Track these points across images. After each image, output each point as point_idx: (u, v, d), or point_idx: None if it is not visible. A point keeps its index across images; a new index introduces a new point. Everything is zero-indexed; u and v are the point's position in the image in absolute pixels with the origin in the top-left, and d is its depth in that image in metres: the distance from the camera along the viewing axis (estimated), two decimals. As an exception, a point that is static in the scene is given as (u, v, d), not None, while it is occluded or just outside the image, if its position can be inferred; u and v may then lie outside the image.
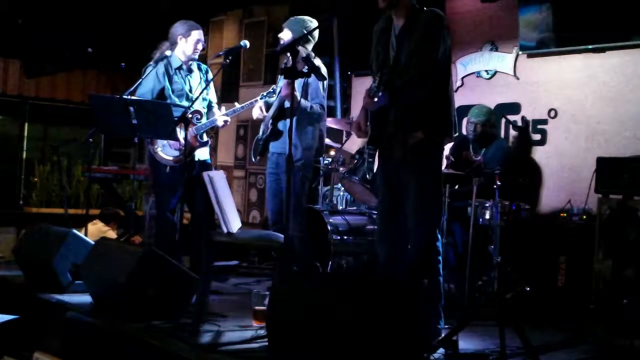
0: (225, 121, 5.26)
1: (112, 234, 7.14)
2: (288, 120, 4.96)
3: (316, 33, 5.05)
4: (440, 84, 3.81)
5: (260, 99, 5.18)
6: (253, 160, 5.31)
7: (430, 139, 3.79)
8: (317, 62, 4.98)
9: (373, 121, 3.89)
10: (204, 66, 5.42)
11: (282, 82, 5.04)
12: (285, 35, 5.07)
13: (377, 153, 3.97)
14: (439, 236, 3.93)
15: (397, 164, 3.87)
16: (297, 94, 4.84)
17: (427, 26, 3.77)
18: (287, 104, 5.01)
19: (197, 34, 5.23)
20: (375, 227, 5.66)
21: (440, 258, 3.89)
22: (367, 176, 4.81)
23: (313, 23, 5.08)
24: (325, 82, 5.06)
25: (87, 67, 9.59)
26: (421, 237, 3.84)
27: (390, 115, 3.80)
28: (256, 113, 5.20)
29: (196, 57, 5.30)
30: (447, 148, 5.55)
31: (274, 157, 5.15)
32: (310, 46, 5.06)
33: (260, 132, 5.22)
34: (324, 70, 4.94)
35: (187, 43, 5.21)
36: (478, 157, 5.43)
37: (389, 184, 3.95)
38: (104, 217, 7.33)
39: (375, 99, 3.71)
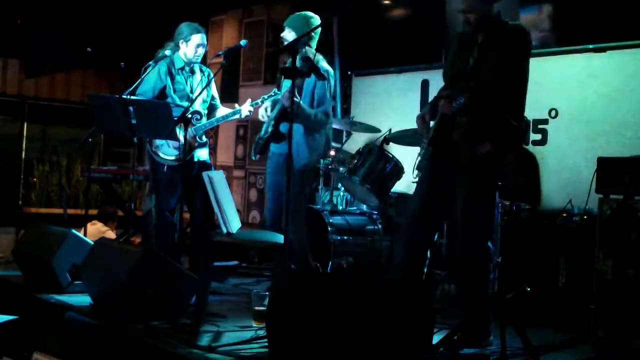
0: (250, 111, 5.24)
1: (111, 234, 7.13)
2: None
3: (319, 29, 4.97)
4: (517, 99, 3.81)
5: (267, 98, 5.15)
6: (253, 158, 5.30)
7: (496, 151, 3.76)
8: (324, 64, 4.96)
9: (440, 123, 3.84)
10: (205, 68, 5.42)
11: (284, 85, 5.02)
12: (288, 35, 5.02)
13: (431, 155, 3.92)
14: (490, 245, 3.92)
15: (455, 171, 3.83)
16: (297, 99, 4.81)
17: (511, 39, 3.78)
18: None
19: (198, 38, 5.21)
20: (376, 227, 5.69)
21: (490, 265, 3.88)
22: (414, 175, 4.78)
23: (315, 19, 5.02)
24: (330, 83, 5.01)
25: (86, 66, 9.59)
26: (470, 248, 3.82)
27: (461, 122, 3.77)
28: (261, 115, 5.16)
29: (197, 60, 5.30)
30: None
31: (274, 157, 5.12)
32: (313, 43, 5.01)
33: (262, 131, 5.19)
34: (329, 69, 4.93)
35: (187, 47, 5.21)
36: None
37: (434, 188, 3.91)
38: (101, 217, 7.33)
39: (454, 104, 3.68)
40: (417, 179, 4.05)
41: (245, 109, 5.23)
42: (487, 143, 3.72)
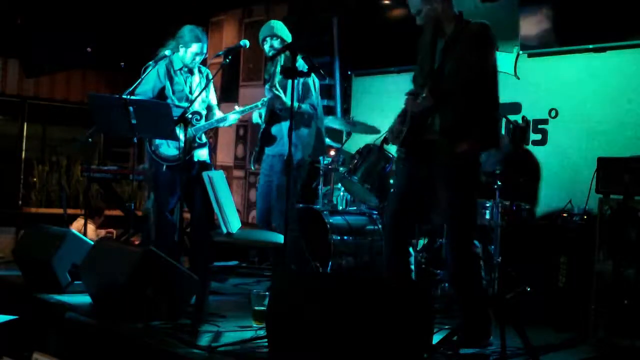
0: (236, 119, 5.25)
1: (91, 228, 7.10)
2: (282, 124, 5.10)
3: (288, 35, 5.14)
4: (488, 96, 3.81)
5: (261, 104, 5.17)
6: (252, 168, 5.38)
7: (474, 150, 3.78)
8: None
9: (412, 124, 3.86)
10: (204, 69, 5.42)
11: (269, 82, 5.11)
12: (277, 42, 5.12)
13: (404, 156, 3.95)
14: (477, 243, 3.93)
15: (433, 170, 3.84)
16: (281, 94, 4.96)
17: (475, 36, 3.78)
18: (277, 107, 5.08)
19: (197, 47, 5.20)
20: (376, 227, 5.69)
21: (481, 263, 3.89)
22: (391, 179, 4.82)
23: (278, 22, 5.18)
24: (315, 80, 5.11)
25: (86, 66, 9.59)
26: (456, 245, 3.84)
27: (435, 122, 3.79)
28: (256, 118, 5.26)
29: (194, 65, 5.29)
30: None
31: (268, 159, 5.22)
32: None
33: (259, 139, 5.28)
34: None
35: (185, 53, 5.21)
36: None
37: (410, 188, 3.93)
38: (88, 212, 7.31)
39: (419, 101, 3.68)
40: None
41: (232, 116, 5.24)
42: (464, 142, 3.72)
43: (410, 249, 4.01)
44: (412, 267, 4.03)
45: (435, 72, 3.81)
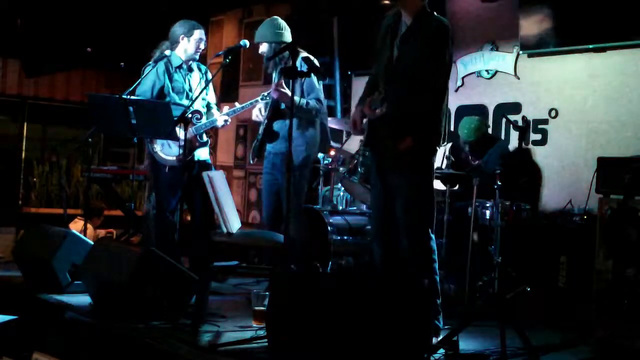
0: (225, 121, 5.25)
1: (90, 228, 7.08)
2: (286, 121, 5.03)
3: (288, 32, 5.07)
4: (438, 94, 3.84)
5: (261, 99, 5.16)
6: (251, 161, 5.35)
7: (419, 145, 3.81)
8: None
9: (369, 122, 3.95)
10: (203, 66, 5.42)
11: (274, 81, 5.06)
12: (263, 47, 5.07)
13: (371, 153, 4.00)
14: (432, 235, 3.94)
15: (388, 165, 3.91)
16: (288, 92, 4.83)
17: (434, 37, 3.79)
18: (282, 105, 5.02)
19: (199, 33, 5.23)
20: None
21: (435, 257, 3.91)
22: (365, 175, 4.87)
23: (278, 19, 5.12)
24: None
25: (86, 66, 9.59)
26: (413, 237, 3.88)
27: (384, 119, 3.84)
28: (255, 115, 5.18)
29: (197, 56, 5.29)
30: (447, 148, 5.58)
31: (270, 157, 5.14)
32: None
33: (259, 134, 5.21)
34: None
35: (189, 42, 5.21)
36: (476, 162, 5.45)
37: (382, 184, 3.99)
38: (87, 212, 7.30)
39: (377, 111, 3.72)
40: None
41: (221, 119, 5.22)
42: (407, 138, 3.75)
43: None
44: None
45: (393, 65, 3.84)
